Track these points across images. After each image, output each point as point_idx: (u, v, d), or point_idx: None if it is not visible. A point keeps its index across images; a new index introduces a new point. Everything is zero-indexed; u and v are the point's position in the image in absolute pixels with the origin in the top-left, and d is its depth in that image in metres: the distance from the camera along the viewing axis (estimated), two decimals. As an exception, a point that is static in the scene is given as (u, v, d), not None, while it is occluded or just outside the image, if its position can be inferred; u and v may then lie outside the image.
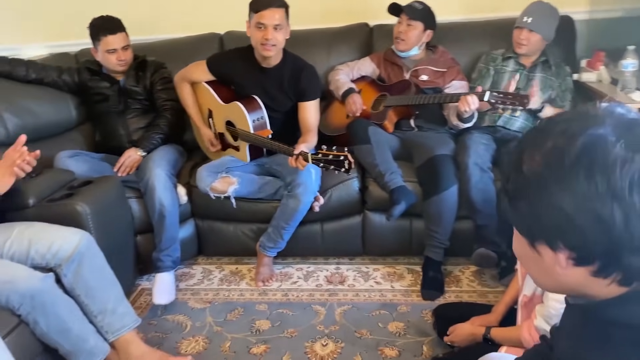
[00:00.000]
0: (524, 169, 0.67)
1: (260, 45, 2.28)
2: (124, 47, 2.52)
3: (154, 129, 2.56)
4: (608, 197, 0.61)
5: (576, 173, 0.62)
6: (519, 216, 0.70)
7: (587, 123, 0.65)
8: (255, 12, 2.26)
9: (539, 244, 0.69)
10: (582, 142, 0.63)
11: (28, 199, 2.00)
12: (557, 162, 0.64)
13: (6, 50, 3.21)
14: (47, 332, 1.65)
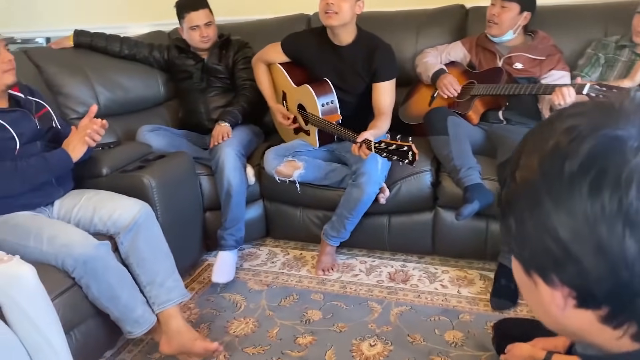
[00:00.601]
0: (516, 176, 0.52)
1: (324, 14, 2.18)
2: (206, 24, 2.56)
3: (233, 105, 2.58)
4: (618, 222, 0.45)
5: (578, 186, 0.46)
6: (509, 235, 0.55)
7: (605, 120, 0.49)
8: None
9: (532, 272, 0.54)
10: (590, 145, 0.47)
11: (102, 169, 2.11)
12: (554, 170, 0.48)
13: (113, 28, 3.42)
14: (98, 297, 1.72)
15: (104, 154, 2.18)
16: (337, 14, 2.18)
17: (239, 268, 2.43)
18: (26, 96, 1.98)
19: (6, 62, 1.81)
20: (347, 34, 2.28)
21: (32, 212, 1.85)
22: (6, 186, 1.77)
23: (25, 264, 1.53)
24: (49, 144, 1.96)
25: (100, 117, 2.57)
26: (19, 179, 1.79)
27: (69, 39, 2.66)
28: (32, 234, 1.71)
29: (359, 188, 2.14)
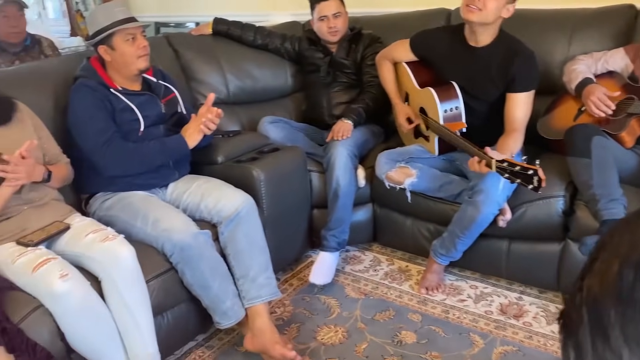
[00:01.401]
0: (584, 285, 0.37)
1: (465, 7, 1.97)
2: (335, 14, 2.49)
3: (357, 102, 2.49)
4: None
5: None
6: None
7: None
8: None
9: None
10: None
11: (218, 157, 2.16)
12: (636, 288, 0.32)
13: (257, 16, 3.53)
14: (191, 284, 1.76)
15: (222, 143, 2.23)
16: (480, 11, 1.96)
17: (340, 270, 2.35)
18: (158, 80, 2.08)
19: (141, 48, 1.91)
20: (486, 35, 2.05)
21: (147, 192, 1.95)
22: (126, 165, 1.88)
23: (127, 244, 1.61)
24: (172, 128, 2.04)
25: (228, 104, 2.68)
26: (137, 160, 1.88)
27: (208, 26, 2.77)
28: (140, 214, 1.80)
29: (475, 207, 1.93)
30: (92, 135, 1.86)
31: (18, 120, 1.75)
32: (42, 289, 1.45)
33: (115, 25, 1.88)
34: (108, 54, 1.91)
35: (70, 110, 1.90)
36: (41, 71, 2.11)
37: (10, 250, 1.57)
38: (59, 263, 1.51)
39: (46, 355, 1.40)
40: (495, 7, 1.94)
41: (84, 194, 1.99)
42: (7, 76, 1.99)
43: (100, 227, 1.69)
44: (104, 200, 1.92)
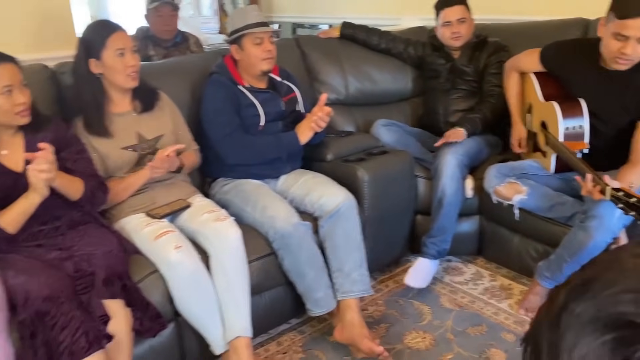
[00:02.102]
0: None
1: (613, 58, 1.85)
2: (459, 20, 2.47)
3: (475, 112, 2.46)
4: None
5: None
6: None
7: None
8: (618, 17, 1.79)
9: None
10: None
11: (327, 155, 2.27)
12: None
13: (388, 19, 3.60)
14: (288, 270, 1.90)
15: (333, 141, 2.33)
16: (630, 61, 1.84)
17: (439, 280, 2.34)
18: (282, 80, 2.25)
19: (266, 52, 2.08)
20: None
21: (261, 181, 2.12)
22: (243, 155, 2.06)
23: (235, 226, 1.78)
24: (289, 125, 2.19)
25: (346, 105, 2.79)
26: (255, 152, 2.06)
27: (336, 30, 2.89)
28: (251, 201, 1.97)
29: (587, 232, 1.82)
30: (218, 126, 2.07)
31: (159, 108, 2.01)
32: (159, 256, 1.67)
33: (246, 28, 2.07)
34: (238, 54, 2.11)
35: (203, 103, 2.13)
36: (183, 66, 2.39)
37: (140, 220, 1.82)
38: (176, 236, 1.72)
39: (156, 315, 1.62)
40: None
41: (209, 178, 2.22)
42: (154, 69, 2.28)
43: (216, 208, 1.89)
44: (223, 185, 2.13)
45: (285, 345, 1.99)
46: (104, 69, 1.85)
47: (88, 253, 1.57)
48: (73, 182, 1.64)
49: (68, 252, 1.59)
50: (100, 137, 1.85)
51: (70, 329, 1.41)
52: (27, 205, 1.55)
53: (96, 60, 1.84)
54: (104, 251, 1.57)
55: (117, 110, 1.92)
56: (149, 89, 2.00)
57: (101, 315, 1.49)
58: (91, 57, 1.83)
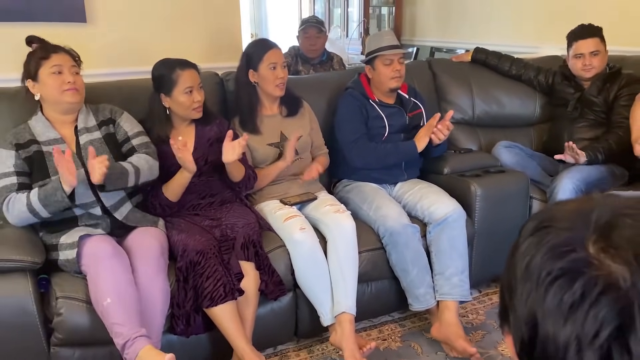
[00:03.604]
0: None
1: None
2: (592, 53, 2.51)
3: (600, 142, 2.48)
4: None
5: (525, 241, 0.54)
6: None
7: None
8: None
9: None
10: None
11: (444, 168, 2.45)
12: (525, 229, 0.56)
13: (526, 47, 3.66)
14: (394, 265, 2.12)
15: (452, 157, 2.51)
16: None
17: (544, 300, 2.39)
18: (409, 97, 2.49)
19: (394, 71, 2.34)
20: None
21: (378, 185, 2.37)
22: (366, 160, 2.33)
23: (351, 219, 2.06)
24: (412, 138, 2.42)
25: (472, 125, 2.94)
26: (375, 157, 2.32)
27: (468, 54, 3.05)
28: (367, 200, 2.23)
29: None
30: (346, 132, 2.37)
31: (301, 114, 2.36)
32: (286, 234, 2.00)
33: (379, 50, 2.35)
34: (370, 72, 2.40)
35: (336, 112, 2.44)
36: (324, 81, 2.74)
37: (275, 205, 2.17)
38: (302, 220, 2.04)
39: (279, 281, 1.94)
40: None
41: (334, 178, 2.53)
42: (300, 82, 2.66)
43: (337, 202, 2.19)
44: (346, 185, 2.42)
45: (385, 333, 2.21)
46: (259, 78, 2.24)
47: (232, 223, 1.95)
48: (241, 167, 2.04)
49: (217, 221, 1.99)
50: (252, 133, 2.25)
51: (213, 279, 1.78)
52: (180, 179, 1.96)
53: (254, 71, 2.24)
54: (244, 223, 1.95)
55: (267, 113, 2.31)
56: (294, 98, 2.37)
57: (237, 273, 1.84)
58: (250, 68, 2.24)
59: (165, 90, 2.00)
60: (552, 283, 0.48)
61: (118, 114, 2.00)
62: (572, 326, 0.46)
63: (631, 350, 0.44)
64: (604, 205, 0.51)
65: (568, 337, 0.46)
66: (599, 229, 0.49)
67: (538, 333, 0.49)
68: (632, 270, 0.45)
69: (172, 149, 1.87)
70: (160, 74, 2.00)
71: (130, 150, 1.95)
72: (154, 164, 1.93)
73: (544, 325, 0.48)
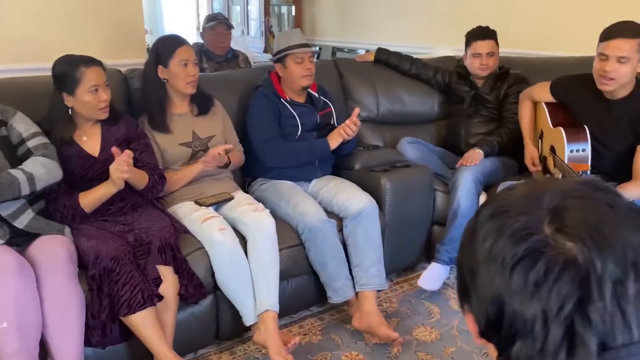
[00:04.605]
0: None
1: (599, 77, 2.08)
2: (488, 53, 2.73)
3: (494, 135, 2.70)
4: (494, 264, 0.56)
5: (484, 229, 0.58)
6: None
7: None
8: (601, 40, 2.09)
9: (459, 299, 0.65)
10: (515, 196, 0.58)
11: (355, 164, 2.53)
12: (481, 213, 0.61)
13: (421, 48, 3.87)
14: (313, 260, 2.15)
15: (362, 153, 2.60)
16: (613, 80, 2.07)
17: (450, 285, 2.56)
18: (319, 96, 2.54)
19: (306, 70, 2.38)
20: (622, 90, 2.13)
21: (294, 183, 2.40)
22: (280, 159, 2.35)
23: (270, 217, 2.06)
24: (323, 137, 2.46)
25: (377, 123, 3.05)
26: (289, 156, 2.35)
27: (371, 54, 3.18)
28: (285, 198, 2.24)
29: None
30: (260, 132, 2.36)
31: (213, 113, 2.32)
32: (205, 236, 1.96)
33: (289, 48, 2.37)
34: (281, 71, 2.41)
35: (248, 111, 2.43)
36: (234, 79, 2.71)
37: (189, 206, 2.11)
38: (220, 220, 2.01)
39: (199, 284, 1.90)
40: (630, 70, 2.03)
41: (249, 177, 2.51)
42: (210, 79, 2.60)
43: (254, 201, 2.18)
44: (261, 184, 2.41)
45: (306, 328, 2.24)
46: (169, 75, 2.17)
47: (147, 227, 1.87)
48: (142, 177, 1.95)
49: (129, 226, 1.90)
50: (161, 132, 2.17)
51: (130, 285, 1.70)
52: (105, 192, 1.86)
53: (163, 67, 2.16)
54: (160, 226, 1.88)
55: (177, 111, 2.23)
56: (205, 96, 2.32)
57: (155, 278, 1.77)
58: (160, 64, 2.16)
59: (68, 89, 1.87)
60: (516, 265, 0.53)
61: (10, 115, 1.83)
62: (538, 302, 0.51)
63: (591, 320, 0.50)
64: (552, 189, 0.57)
65: (535, 312, 0.51)
66: (552, 212, 0.55)
67: (505, 311, 0.54)
68: (587, 247, 0.51)
69: (116, 157, 1.78)
70: (62, 72, 1.87)
71: (27, 153, 1.79)
72: (53, 166, 1.79)
73: (510, 304, 0.53)
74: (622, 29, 2.04)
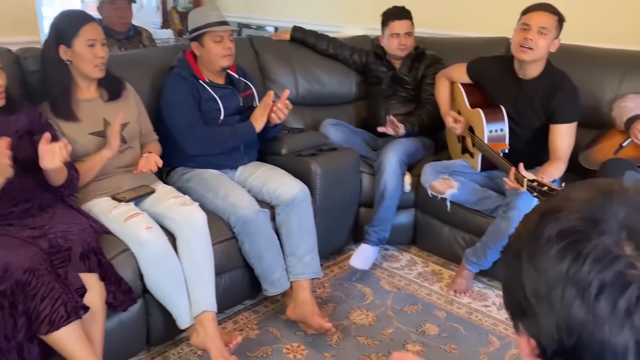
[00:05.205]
0: (519, 226, 0.60)
1: (518, 47, 2.17)
2: (406, 33, 2.74)
3: (414, 116, 2.73)
4: (571, 289, 0.51)
5: (549, 250, 0.54)
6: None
7: (595, 204, 0.54)
8: (524, 13, 2.19)
9: (511, 317, 0.61)
10: (573, 219, 0.54)
11: (282, 149, 2.44)
12: (538, 230, 0.56)
13: (330, 26, 3.82)
14: (248, 253, 2.05)
15: (287, 137, 2.52)
16: (532, 50, 2.16)
17: (378, 266, 2.58)
18: (239, 77, 2.40)
19: (226, 49, 2.22)
20: (534, 69, 2.24)
21: (219, 171, 2.26)
22: (204, 146, 2.19)
23: (200, 211, 1.92)
24: (246, 120, 2.34)
25: (296, 104, 2.96)
26: (213, 142, 2.20)
27: (287, 33, 3.07)
28: (212, 189, 2.10)
29: (507, 221, 2.12)
30: (180, 118, 2.18)
31: (125, 97, 2.09)
32: (130, 236, 1.77)
33: (207, 26, 2.20)
34: (198, 50, 2.24)
35: (163, 94, 2.23)
36: (144, 58, 2.48)
37: (107, 203, 1.91)
38: (146, 217, 1.83)
39: (128, 289, 1.72)
40: (546, 44, 2.14)
41: (167, 167, 2.32)
42: (116, 60, 2.33)
43: (179, 194, 2.01)
44: (183, 173, 2.24)
45: (241, 323, 2.15)
46: (73, 56, 1.92)
47: (63, 230, 1.65)
48: (63, 170, 1.71)
49: (41, 230, 1.66)
50: (68, 121, 1.92)
51: (50, 299, 1.49)
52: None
53: (66, 47, 1.90)
54: (79, 229, 1.66)
55: (84, 97, 1.99)
56: (115, 79, 2.09)
57: (78, 288, 1.58)
58: (62, 43, 1.90)
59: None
60: (602, 291, 0.49)
61: None
62: (630, 331, 0.48)
63: None
64: (616, 197, 0.54)
65: (626, 342, 0.48)
66: (626, 228, 0.51)
67: (585, 339, 0.50)
68: None
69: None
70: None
71: None
72: None
73: (594, 332, 0.49)
74: (544, 5, 2.16)
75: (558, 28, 2.16)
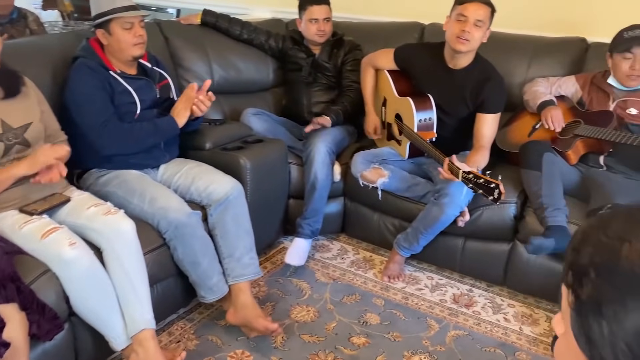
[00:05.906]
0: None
1: (455, 38, 2.20)
2: (325, 19, 2.68)
3: (337, 104, 2.68)
4: None
5: None
6: (581, 333, 0.58)
7: None
8: (459, 4, 2.20)
9: None
10: None
11: (206, 143, 2.29)
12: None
13: (236, 9, 3.63)
14: (181, 260, 1.90)
15: (210, 130, 2.36)
16: (468, 42, 2.20)
17: (311, 257, 2.54)
18: (152, 66, 2.19)
19: (137, 37, 2.01)
20: (465, 60, 2.29)
21: (140, 172, 2.06)
22: (121, 145, 1.98)
23: (128, 219, 1.73)
24: (164, 113, 2.15)
25: (213, 92, 2.80)
26: (132, 140, 1.99)
27: (197, 16, 2.87)
28: (137, 192, 1.91)
29: (440, 208, 2.17)
30: (91, 114, 1.95)
31: (24, 94, 1.82)
32: (51, 254, 1.56)
33: (115, 11, 1.97)
34: (105, 38, 2.01)
35: (69, 89, 1.98)
36: (41, 47, 2.17)
37: (15, 218, 1.66)
38: (67, 232, 1.62)
39: (54, 316, 1.52)
40: (480, 36, 2.19)
41: (77, 169, 2.08)
42: (9, 50, 2.02)
43: (100, 201, 1.81)
44: (99, 176, 2.02)
45: (177, 334, 2.00)
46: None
47: (-32, 257, 1.40)
48: None
49: (-63, 257, 1.40)
50: (-43, 124, 1.63)
51: (-38, 341, 1.26)
52: None
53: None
54: (-12, 253, 1.42)
55: (-25, 96, 1.70)
56: (12, 73, 1.81)
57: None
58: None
59: None
60: None
61: None
62: None
63: None
64: None
65: None
66: None
67: None
68: None
69: None
70: None
71: None
72: None
73: None
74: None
75: (491, 19, 2.21)
